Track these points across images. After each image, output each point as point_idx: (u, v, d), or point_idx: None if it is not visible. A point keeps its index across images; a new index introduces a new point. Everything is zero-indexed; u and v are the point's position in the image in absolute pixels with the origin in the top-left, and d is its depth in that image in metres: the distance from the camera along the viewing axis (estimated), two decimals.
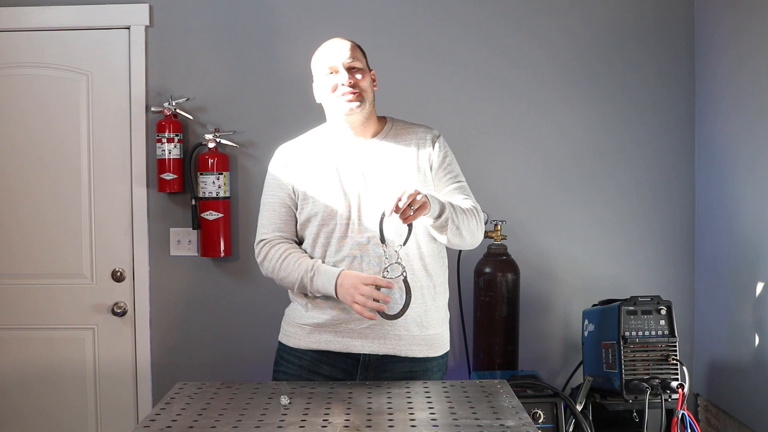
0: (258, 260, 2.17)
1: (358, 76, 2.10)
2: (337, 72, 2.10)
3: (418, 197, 1.87)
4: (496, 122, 3.05)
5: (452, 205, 2.02)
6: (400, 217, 1.87)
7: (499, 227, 2.87)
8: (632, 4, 3.02)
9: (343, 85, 2.08)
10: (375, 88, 2.17)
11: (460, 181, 2.18)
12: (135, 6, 3.02)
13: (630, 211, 3.05)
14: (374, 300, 1.93)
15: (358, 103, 2.09)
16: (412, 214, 1.88)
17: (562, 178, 3.05)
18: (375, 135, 2.17)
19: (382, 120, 2.22)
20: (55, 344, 3.08)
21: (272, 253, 2.12)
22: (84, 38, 3.05)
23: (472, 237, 2.09)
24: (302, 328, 2.13)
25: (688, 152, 3.04)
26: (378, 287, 1.94)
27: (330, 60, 2.11)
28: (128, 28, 3.04)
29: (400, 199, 1.85)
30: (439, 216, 1.97)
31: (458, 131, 2.98)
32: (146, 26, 3.03)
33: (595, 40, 3.03)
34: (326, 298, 2.07)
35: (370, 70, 2.17)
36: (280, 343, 2.21)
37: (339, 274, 2.01)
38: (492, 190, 3.02)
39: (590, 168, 3.05)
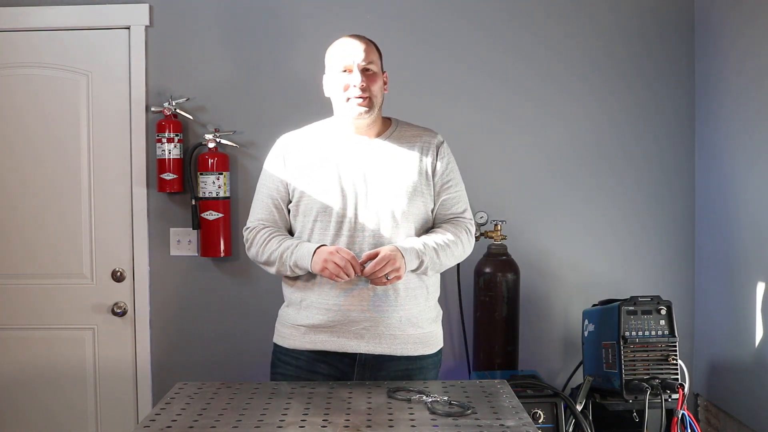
0: (246, 247, 2.21)
1: (371, 80, 2.10)
2: (350, 72, 2.09)
3: (396, 267, 1.98)
4: (497, 122, 3.04)
5: (435, 249, 2.08)
6: (372, 279, 1.99)
7: (499, 227, 2.87)
8: (634, 4, 3.02)
9: (354, 87, 2.08)
10: (385, 92, 2.18)
11: (458, 191, 2.21)
12: (135, 6, 3.02)
13: (630, 211, 3.05)
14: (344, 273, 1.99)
15: (366, 109, 2.09)
16: (386, 281, 1.99)
17: (563, 179, 3.05)
18: (378, 135, 2.18)
19: (387, 121, 2.23)
20: (55, 344, 3.08)
21: (257, 237, 2.16)
22: (84, 38, 3.05)
23: (457, 261, 2.20)
24: (297, 329, 2.13)
25: (688, 152, 3.04)
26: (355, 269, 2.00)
27: (345, 59, 2.10)
28: (128, 28, 3.04)
29: (378, 265, 1.97)
30: (415, 270, 2.08)
31: (458, 130, 2.98)
32: (146, 26, 3.03)
33: (597, 39, 3.02)
34: (319, 299, 2.09)
35: (383, 72, 2.17)
36: (275, 344, 2.21)
37: (318, 247, 2.04)
38: (492, 190, 3.02)
39: (591, 168, 3.05)
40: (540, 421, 2.39)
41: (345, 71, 2.10)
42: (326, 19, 3.01)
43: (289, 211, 2.18)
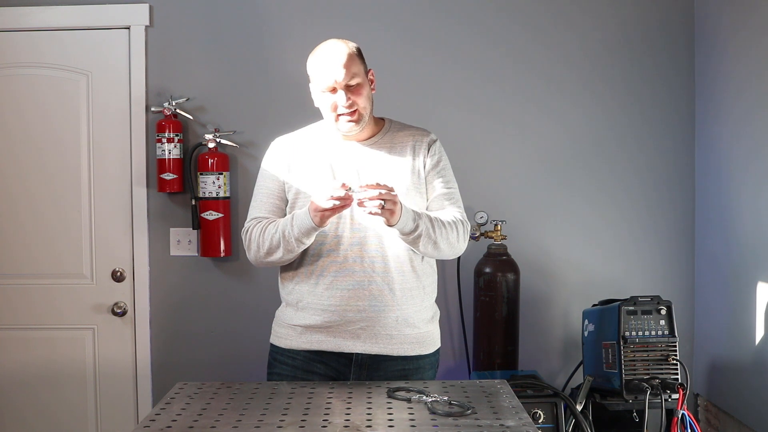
0: (246, 248, 2.14)
1: (357, 94, 2.05)
2: (335, 92, 2.05)
3: (392, 203, 1.88)
4: (497, 122, 3.04)
5: (431, 219, 2.02)
6: (363, 202, 1.87)
7: (499, 227, 2.87)
8: (634, 3, 3.02)
9: (341, 106, 2.04)
10: (373, 91, 2.13)
11: (450, 188, 2.17)
12: (135, 6, 3.02)
13: (630, 210, 3.05)
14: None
15: (355, 123, 2.07)
16: (374, 211, 1.87)
17: (563, 179, 3.05)
18: (372, 136, 2.17)
19: (380, 121, 2.22)
20: (55, 344, 3.08)
21: (253, 233, 2.10)
22: (84, 38, 3.05)
23: (451, 249, 2.09)
24: (294, 329, 2.13)
25: (688, 151, 3.04)
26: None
27: (326, 80, 2.04)
28: (128, 28, 3.04)
29: (383, 187, 1.87)
30: (410, 233, 1.98)
31: (458, 130, 2.99)
32: (146, 26, 3.03)
33: (596, 38, 3.02)
34: (315, 300, 2.08)
35: (369, 71, 2.13)
36: (272, 345, 2.21)
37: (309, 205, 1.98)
38: (492, 190, 3.02)
39: (591, 168, 3.05)
40: (540, 421, 2.39)
41: (329, 91, 2.06)
42: (325, 20, 3.01)
43: (285, 215, 2.17)
